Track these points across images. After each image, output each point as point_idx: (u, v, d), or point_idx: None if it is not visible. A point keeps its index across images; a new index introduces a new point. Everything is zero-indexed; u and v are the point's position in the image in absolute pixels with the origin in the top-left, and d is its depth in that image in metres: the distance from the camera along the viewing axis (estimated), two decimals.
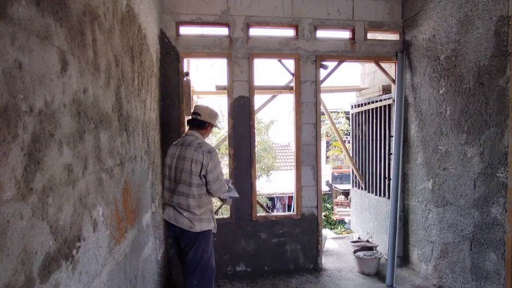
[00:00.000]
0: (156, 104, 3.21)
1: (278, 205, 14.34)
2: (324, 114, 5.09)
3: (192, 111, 2.68)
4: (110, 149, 1.76)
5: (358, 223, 5.25)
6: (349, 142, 6.99)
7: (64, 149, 1.23)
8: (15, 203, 0.93)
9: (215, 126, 2.72)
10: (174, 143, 2.64)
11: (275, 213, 8.40)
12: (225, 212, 6.45)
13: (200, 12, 3.61)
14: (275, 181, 12.62)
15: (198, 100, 4.88)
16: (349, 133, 6.05)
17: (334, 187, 14.86)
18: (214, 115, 2.67)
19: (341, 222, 12.38)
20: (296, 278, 3.71)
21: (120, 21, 1.98)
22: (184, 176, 2.44)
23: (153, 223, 2.93)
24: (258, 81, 3.82)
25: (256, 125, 4.27)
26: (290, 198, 13.15)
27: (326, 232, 5.36)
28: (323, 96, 4.29)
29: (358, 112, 5.18)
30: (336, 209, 12.20)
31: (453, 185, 3.24)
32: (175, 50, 3.57)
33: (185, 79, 3.63)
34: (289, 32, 3.87)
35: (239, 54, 3.68)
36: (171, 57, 3.56)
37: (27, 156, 0.99)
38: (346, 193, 13.16)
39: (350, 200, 6.12)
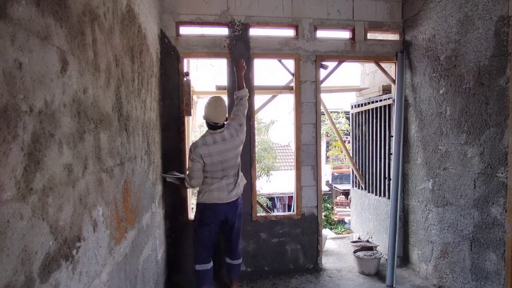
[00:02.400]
0: (156, 104, 3.21)
1: (278, 205, 14.35)
2: (324, 114, 5.09)
3: (207, 120, 2.98)
4: (110, 149, 1.76)
5: (358, 223, 5.25)
6: (349, 142, 6.99)
7: (64, 149, 1.23)
8: (15, 203, 0.93)
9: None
10: (205, 143, 2.90)
11: (275, 213, 8.39)
12: None
13: (200, 12, 3.61)
14: (275, 181, 12.64)
15: (198, 100, 4.87)
16: (349, 133, 6.05)
17: (334, 187, 14.87)
18: (225, 109, 3.03)
19: (341, 222, 12.39)
20: (296, 278, 3.71)
21: (120, 21, 1.98)
22: (234, 161, 3.00)
23: (153, 223, 2.93)
24: (258, 81, 3.82)
25: (256, 125, 4.27)
26: (290, 198, 13.15)
27: (326, 232, 5.37)
28: (323, 96, 4.29)
29: (358, 112, 5.17)
30: (336, 209, 12.22)
31: (453, 185, 3.24)
32: (175, 50, 3.57)
33: (185, 79, 3.62)
34: (289, 32, 3.87)
35: (239, 54, 3.68)
36: (171, 57, 3.56)
37: (27, 156, 0.99)
38: (346, 193, 13.17)
39: (350, 200, 6.12)
